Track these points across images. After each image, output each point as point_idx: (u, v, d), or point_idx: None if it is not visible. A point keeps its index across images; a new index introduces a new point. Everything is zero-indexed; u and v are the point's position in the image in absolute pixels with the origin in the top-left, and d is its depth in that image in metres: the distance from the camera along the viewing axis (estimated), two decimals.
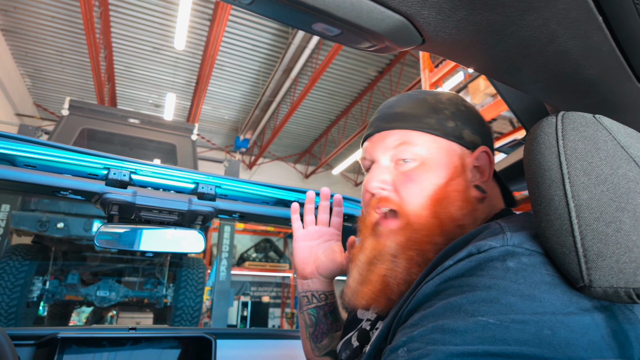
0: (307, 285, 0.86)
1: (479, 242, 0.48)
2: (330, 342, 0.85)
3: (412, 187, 0.60)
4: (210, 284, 6.04)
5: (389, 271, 0.59)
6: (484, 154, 0.65)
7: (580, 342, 0.38)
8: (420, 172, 0.61)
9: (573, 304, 0.41)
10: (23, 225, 3.62)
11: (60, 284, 4.11)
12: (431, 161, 0.61)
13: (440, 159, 0.61)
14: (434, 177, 0.60)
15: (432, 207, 0.59)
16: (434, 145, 0.62)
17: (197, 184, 1.11)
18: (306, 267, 0.85)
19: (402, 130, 0.63)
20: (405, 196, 0.61)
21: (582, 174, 0.42)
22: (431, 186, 0.60)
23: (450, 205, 0.59)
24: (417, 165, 0.61)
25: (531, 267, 0.43)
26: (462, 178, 0.61)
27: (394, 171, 0.63)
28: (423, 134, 0.62)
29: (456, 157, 0.62)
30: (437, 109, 0.64)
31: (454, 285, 0.46)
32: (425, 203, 0.59)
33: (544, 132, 0.47)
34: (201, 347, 1.20)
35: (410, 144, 0.62)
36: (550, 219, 0.43)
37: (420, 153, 0.61)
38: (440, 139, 0.63)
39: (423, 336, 0.43)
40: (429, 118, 0.63)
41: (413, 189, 0.60)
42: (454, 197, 0.59)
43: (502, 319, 0.40)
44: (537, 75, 0.48)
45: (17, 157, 0.95)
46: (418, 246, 0.58)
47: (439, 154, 0.62)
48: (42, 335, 1.07)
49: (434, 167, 0.61)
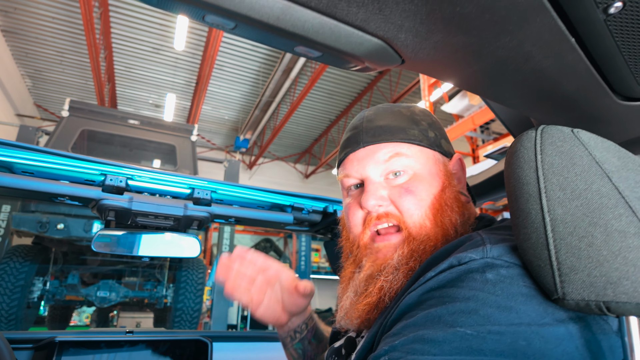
0: (286, 327, 0.85)
1: (460, 254, 0.49)
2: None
3: (411, 200, 0.60)
4: (210, 284, 6.05)
5: (386, 283, 0.58)
6: (459, 162, 0.69)
7: (554, 353, 0.40)
8: (415, 184, 0.61)
9: (548, 315, 0.42)
10: (23, 227, 3.64)
11: (61, 285, 4.12)
12: (422, 172, 0.62)
13: (430, 169, 0.63)
14: (430, 187, 0.62)
15: (434, 217, 0.60)
16: (423, 155, 0.64)
17: (193, 189, 1.12)
18: (280, 318, 0.82)
19: (391, 142, 0.63)
20: (405, 210, 0.60)
21: (558, 189, 0.44)
22: (429, 196, 0.61)
23: (450, 212, 0.61)
24: (409, 178, 0.62)
25: (509, 279, 0.45)
26: (452, 185, 0.64)
27: (386, 186, 0.63)
28: (412, 145, 0.63)
29: (442, 166, 0.65)
30: (416, 121, 0.66)
31: (435, 296, 0.47)
32: (427, 213, 0.60)
33: (523, 146, 0.49)
34: (198, 350, 1.22)
35: (401, 156, 0.62)
36: (527, 232, 0.45)
37: (411, 164, 0.62)
38: (427, 149, 0.65)
39: (404, 345, 0.44)
40: (413, 129, 0.64)
41: (412, 201, 0.60)
42: (451, 204, 0.62)
43: (479, 330, 0.41)
44: (516, 91, 0.49)
45: (15, 164, 0.97)
46: (421, 256, 0.59)
47: (427, 164, 0.64)
48: (40, 339, 1.09)
49: (427, 177, 0.62)
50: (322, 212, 1.36)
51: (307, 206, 1.34)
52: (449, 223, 0.60)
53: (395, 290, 0.58)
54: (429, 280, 0.49)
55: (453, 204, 0.62)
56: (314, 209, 1.35)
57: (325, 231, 1.49)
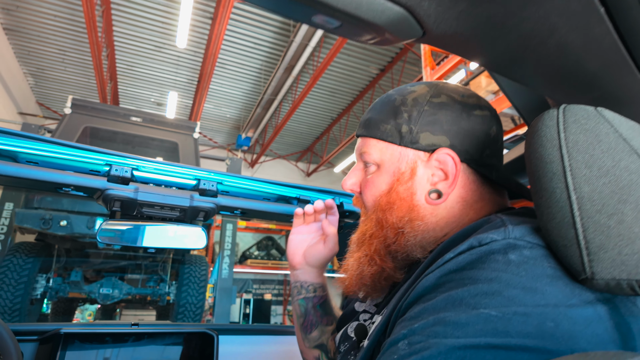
0: (296, 276, 0.91)
1: (480, 234, 0.48)
2: (320, 335, 0.86)
3: (367, 192, 0.66)
4: (212, 281, 6.06)
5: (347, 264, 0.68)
6: (444, 156, 0.59)
7: (584, 334, 0.38)
8: (374, 179, 0.65)
9: (575, 297, 0.41)
10: (26, 223, 3.63)
11: (64, 282, 4.12)
12: (383, 168, 0.64)
13: (389, 167, 0.63)
14: (383, 184, 0.64)
15: (375, 213, 0.64)
16: (387, 152, 0.64)
17: (199, 181, 1.11)
18: (295, 257, 0.90)
19: (364, 138, 0.68)
20: (365, 200, 0.67)
21: (584, 167, 0.42)
22: (378, 193, 0.64)
23: (391, 213, 0.61)
24: (374, 172, 0.66)
25: (533, 259, 0.43)
26: (409, 184, 0.61)
27: (363, 175, 0.69)
28: (379, 141, 0.65)
29: (405, 163, 0.62)
30: (397, 113, 0.63)
31: (455, 279, 0.45)
32: (373, 208, 0.65)
33: (545, 124, 0.47)
34: (204, 343, 1.21)
35: (366, 153, 0.66)
36: (551, 211, 0.43)
37: (376, 160, 0.65)
38: (393, 145, 0.63)
39: (424, 329, 0.42)
40: (386, 124, 0.63)
41: (368, 193, 0.66)
42: (397, 205, 0.61)
43: (504, 312, 0.40)
44: (538, 68, 0.48)
45: (19, 153, 0.96)
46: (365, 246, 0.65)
47: (389, 161, 0.63)
48: (45, 331, 1.08)
49: (384, 175, 0.64)
50: None
51: (313, 199, 1.32)
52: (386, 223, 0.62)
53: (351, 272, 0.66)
54: (447, 262, 0.47)
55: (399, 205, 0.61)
56: None
57: None
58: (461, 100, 0.63)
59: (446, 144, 0.60)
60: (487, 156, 0.62)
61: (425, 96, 0.63)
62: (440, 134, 0.60)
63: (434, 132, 0.60)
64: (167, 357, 1.18)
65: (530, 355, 0.37)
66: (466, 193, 0.61)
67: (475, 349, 0.38)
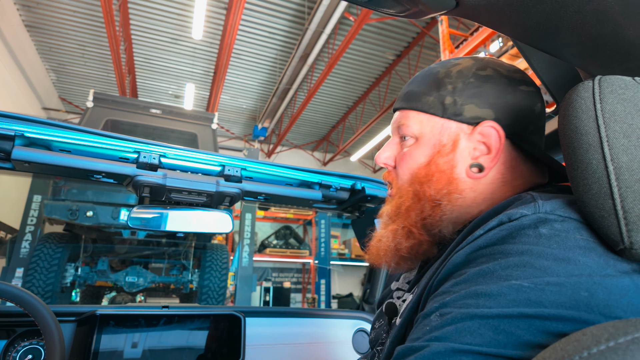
0: None
1: (510, 210, 0.47)
2: None
3: (402, 165, 0.65)
4: (233, 269, 6.18)
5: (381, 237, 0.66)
6: (489, 128, 0.58)
7: (620, 304, 0.38)
8: (412, 151, 0.64)
9: (610, 267, 0.41)
10: (54, 214, 3.77)
11: (91, 270, 4.28)
12: (422, 140, 0.63)
13: (430, 139, 0.62)
14: (420, 156, 0.63)
15: (413, 186, 0.63)
16: (428, 124, 0.62)
17: (224, 167, 1.13)
18: None
19: (403, 110, 0.66)
20: (399, 174, 0.66)
21: (622, 136, 0.42)
22: (416, 164, 0.63)
23: (429, 185, 0.60)
24: (412, 144, 0.65)
25: (564, 232, 0.43)
26: (450, 157, 0.60)
27: (399, 148, 0.68)
28: (419, 113, 0.64)
29: (447, 136, 0.61)
30: (441, 84, 0.62)
31: (485, 254, 0.46)
32: (410, 181, 0.63)
33: (580, 96, 0.46)
34: (231, 325, 1.24)
35: (405, 125, 0.65)
36: (587, 183, 0.43)
37: (415, 132, 0.64)
38: (435, 117, 0.62)
39: (456, 301, 0.43)
40: (428, 96, 0.62)
41: (403, 166, 0.65)
42: (435, 177, 0.60)
43: (537, 282, 0.40)
44: (573, 38, 0.47)
45: (52, 142, 0.99)
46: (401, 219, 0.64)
47: (430, 133, 0.62)
48: (82, 312, 1.13)
49: (423, 147, 0.63)
50: (349, 189, 1.35)
51: (334, 184, 1.33)
52: (424, 195, 0.61)
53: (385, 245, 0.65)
54: (477, 239, 0.47)
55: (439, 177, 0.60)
56: (342, 187, 1.34)
57: (353, 209, 1.48)
58: (507, 74, 0.61)
59: (491, 117, 0.59)
60: (531, 133, 0.61)
61: (471, 69, 0.62)
62: (485, 107, 0.59)
63: (479, 104, 0.59)
64: (196, 338, 1.22)
65: (565, 324, 0.37)
66: (506, 170, 0.60)
67: (509, 319, 0.39)
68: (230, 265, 6.21)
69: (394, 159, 0.68)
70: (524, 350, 0.37)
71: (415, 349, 0.42)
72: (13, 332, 1.06)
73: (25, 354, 1.05)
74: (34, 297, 0.90)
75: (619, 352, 0.28)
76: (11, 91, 7.55)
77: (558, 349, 0.32)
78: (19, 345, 1.05)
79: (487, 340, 0.38)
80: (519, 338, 0.37)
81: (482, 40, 4.64)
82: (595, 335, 0.31)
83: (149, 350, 1.15)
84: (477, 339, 0.38)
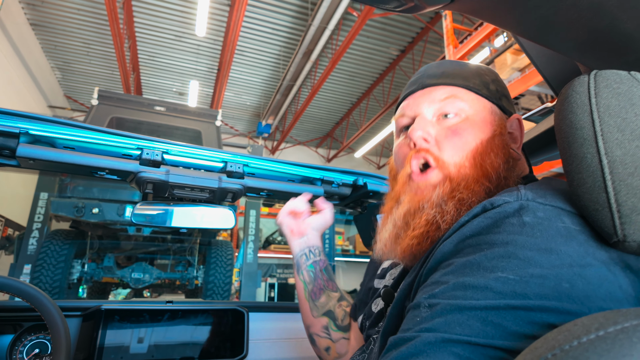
0: (304, 242, 0.95)
1: (494, 198, 0.49)
2: (327, 300, 0.89)
3: (456, 141, 0.60)
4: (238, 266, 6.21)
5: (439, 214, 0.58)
6: (517, 122, 0.67)
7: (598, 294, 0.39)
8: (465, 127, 0.61)
9: (589, 255, 0.41)
10: (61, 211, 3.81)
11: (98, 267, 4.32)
12: (476, 117, 0.62)
13: (484, 117, 0.63)
14: (479, 131, 0.61)
15: (474, 159, 0.59)
16: (479, 103, 0.64)
17: (226, 163, 1.14)
18: (300, 225, 0.97)
19: (449, 86, 0.65)
20: (447, 149, 0.60)
21: (616, 131, 0.42)
22: (476, 140, 0.60)
23: (495, 157, 0.60)
24: (460, 120, 0.62)
25: (547, 220, 0.44)
26: (504, 138, 0.63)
27: (437, 126, 0.63)
28: (469, 92, 0.64)
29: (497, 118, 0.64)
30: (480, 74, 0.67)
31: (471, 244, 0.46)
32: (468, 155, 0.59)
33: (575, 91, 0.46)
34: (234, 319, 1.26)
35: (457, 98, 0.63)
36: (582, 177, 0.43)
37: (465, 109, 0.63)
38: (484, 99, 0.65)
39: (444, 293, 0.44)
40: (474, 79, 0.66)
41: (456, 142, 0.60)
42: (497, 151, 0.61)
43: (521, 274, 0.40)
44: (570, 32, 0.47)
45: (56, 139, 1.00)
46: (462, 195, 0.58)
47: (482, 112, 0.63)
48: (87, 307, 1.14)
49: (479, 123, 0.62)
50: (351, 185, 1.36)
51: (336, 179, 1.34)
52: (491, 166, 0.58)
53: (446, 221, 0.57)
54: (463, 226, 0.48)
55: (499, 151, 0.60)
56: (344, 182, 1.35)
57: (355, 205, 1.49)
58: None
59: (515, 112, 0.69)
60: None
61: (494, 71, 0.71)
62: (510, 103, 0.69)
63: (507, 100, 0.68)
64: (199, 333, 1.23)
65: (549, 315, 0.38)
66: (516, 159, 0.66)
67: (496, 310, 0.39)
68: (235, 262, 6.25)
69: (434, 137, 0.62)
70: (512, 341, 0.38)
71: (406, 339, 0.43)
72: (20, 326, 1.08)
73: (32, 348, 1.07)
74: (40, 292, 0.91)
75: (608, 341, 0.29)
76: (17, 89, 7.61)
77: (549, 339, 0.32)
78: (26, 340, 1.07)
79: (476, 331, 0.39)
80: (506, 329, 0.38)
81: (487, 35, 4.61)
82: (586, 325, 0.31)
83: (154, 344, 1.17)
84: (466, 330, 0.39)
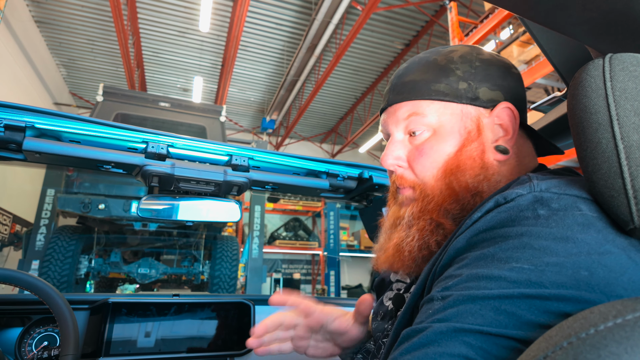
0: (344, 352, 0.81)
1: (506, 191, 0.47)
2: None
3: (423, 162, 0.60)
4: (243, 261, 6.24)
5: (402, 240, 0.60)
6: (505, 110, 0.59)
7: (620, 282, 0.37)
8: (432, 144, 0.59)
9: (608, 243, 0.40)
10: (68, 207, 3.84)
11: (105, 262, 4.36)
12: (443, 130, 0.59)
13: (452, 126, 0.59)
14: (447, 146, 0.59)
15: (445, 178, 0.58)
16: (446, 112, 0.60)
17: (231, 156, 1.14)
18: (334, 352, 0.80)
19: (411, 101, 0.61)
20: (419, 172, 0.61)
21: (633, 114, 0.41)
22: (443, 156, 0.59)
23: (464, 174, 0.57)
24: (428, 137, 0.60)
25: (562, 210, 0.43)
26: (478, 142, 0.59)
27: (408, 145, 0.63)
28: (433, 102, 0.60)
29: (470, 121, 0.59)
30: (448, 71, 0.61)
31: (486, 238, 0.45)
32: (438, 175, 0.59)
33: (589, 75, 0.45)
34: (241, 313, 1.26)
35: (419, 115, 0.60)
36: (597, 162, 0.42)
37: (431, 122, 0.60)
38: (452, 104, 0.60)
39: (457, 285, 0.43)
40: (438, 83, 0.60)
41: (424, 163, 0.60)
42: (468, 165, 0.58)
43: (537, 263, 0.39)
44: (583, 14, 0.46)
45: (62, 132, 1.00)
46: (430, 215, 0.58)
47: (451, 120, 0.59)
48: (95, 300, 1.15)
49: (446, 136, 0.59)
50: (357, 178, 1.35)
51: (342, 173, 1.33)
52: (460, 185, 0.57)
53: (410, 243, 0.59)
54: (476, 222, 0.47)
55: (471, 164, 0.57)
56: (349, 176, 1.34)
57: (360, 198, 1.48)
58: (498, 58, 0.64)
59: (502, 98, 0.60)
60: (525, 112, 0.63)
61: (472, 53, 0.62)
62: (495, 89, 0.60)
63: (491, 87, 0.60)
64: (206, 326, 1.23)
65: (566, 304, 0.37)
66: (518, 149, 0.61)
67: (509, 299, 0.38)
68: (241, 257, 6.28)
69: (406, 158, 0.63)
70: (526, 331, 0.37)
71: (418, 330, 0.42)
72: (29, 319, 1.09)
73: (41, 341, 1.08)
74: (49, 285, 0.92)
75: (627, 329, 0.28)
76: (23, 87, 7.66)
77: (565, 327, 0.31)
78: (35, 332, 1.08)
79: (489, 320, 0.38)
80: (520, 318, 0.37)
81: (492, 27, 4.56)
82: (603, 312, 0.30)
83: (161, 337, 1.17)
84: (478, 319, 0.38)
